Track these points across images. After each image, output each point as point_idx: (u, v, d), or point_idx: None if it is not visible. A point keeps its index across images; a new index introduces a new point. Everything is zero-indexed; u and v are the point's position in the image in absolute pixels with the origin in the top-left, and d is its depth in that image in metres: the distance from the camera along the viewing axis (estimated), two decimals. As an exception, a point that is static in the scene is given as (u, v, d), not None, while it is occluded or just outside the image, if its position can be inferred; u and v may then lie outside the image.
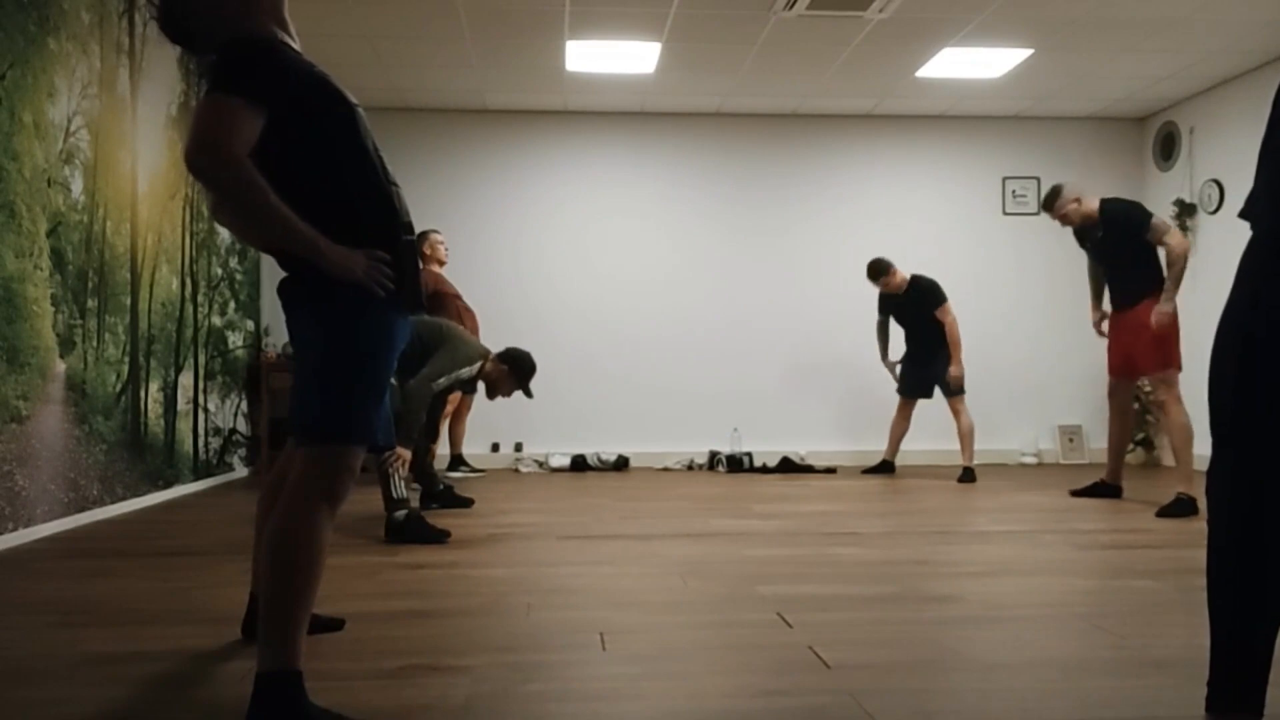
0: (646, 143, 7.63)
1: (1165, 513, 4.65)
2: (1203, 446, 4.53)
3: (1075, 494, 5.48)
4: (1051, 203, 5.19)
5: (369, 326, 1.92)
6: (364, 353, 1.91)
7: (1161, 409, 4.91)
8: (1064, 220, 5.17)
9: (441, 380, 4.40)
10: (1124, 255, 5.00)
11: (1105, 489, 5.40)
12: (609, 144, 7.61)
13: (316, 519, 1.85)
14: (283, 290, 1.98)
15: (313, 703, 1.82)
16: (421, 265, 6.66)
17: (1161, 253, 4.89)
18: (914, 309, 6.53)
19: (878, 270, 6.52)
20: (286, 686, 1.79)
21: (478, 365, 4.59)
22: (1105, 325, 5.30)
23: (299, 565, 1.82)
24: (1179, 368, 4.90)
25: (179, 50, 5.75)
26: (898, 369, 6.72)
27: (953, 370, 6.36)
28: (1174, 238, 4.82)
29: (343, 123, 1.94)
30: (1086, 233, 5.18)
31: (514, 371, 4.70)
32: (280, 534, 1.84)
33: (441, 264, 6.43)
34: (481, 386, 4.89)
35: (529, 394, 4.81)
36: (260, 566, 1.91)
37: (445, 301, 6.24)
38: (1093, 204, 5.09)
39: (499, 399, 4.90)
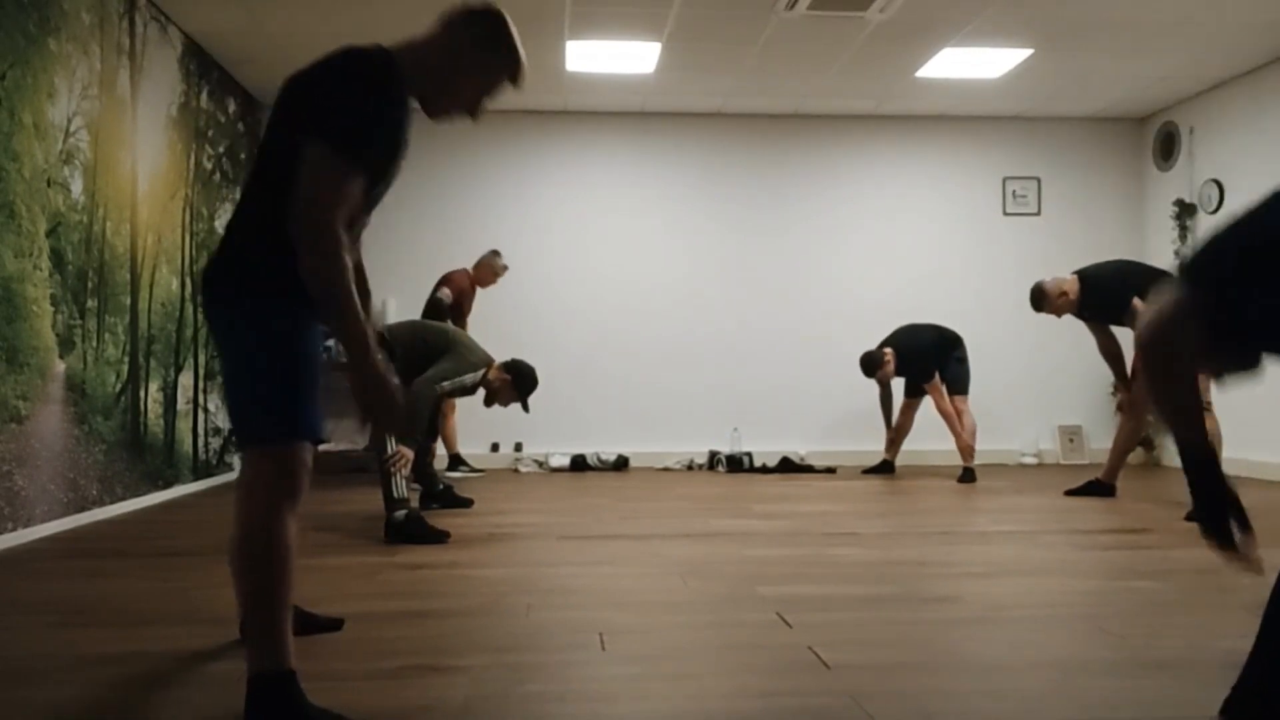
0: (646, 143, 7.63)
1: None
2: (1235, 451, 4.51)
3: (1070, 493, 5.48)
4: (1041, 304, 5.24)
5: (300, 326, 1.90)
6: (300, 351, 1.90)
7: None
8: (1059, 313, 5.23)
9: (446, 384, 4.40)
10: (1125, 316, 5.03)
11: (1100, 488, 5.40)
12: (609, 144, 7.60)
13: (281, 519, 1.84)
14: (211, 284, 1.91)
15: (310, 702, 1.82)
16: (469, 270, 6.66)
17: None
18: (912, 382, 6.65)
19: (872, 366, 6.58)
20: (280, 686, 1.80)
21: (481, 372, 4.59)
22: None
23: (271, 567, 1.82)
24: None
25: (179, 50, 5.75)
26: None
27: (960, 443, 6.40)
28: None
29: (372, 172, 1.90)
30: (1083, 309, 5.22)
31: (516, 383, 4.69)
32: (247, 541, 1.84)
33: (480, 283, 6.55)
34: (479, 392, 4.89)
35: (526, 408, 4.78)
36: (234, 575, 1.89)
37: (458, 318, 6.33)
38: (1075, 285, 5.16)
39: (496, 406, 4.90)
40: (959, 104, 7.39)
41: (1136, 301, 4.91)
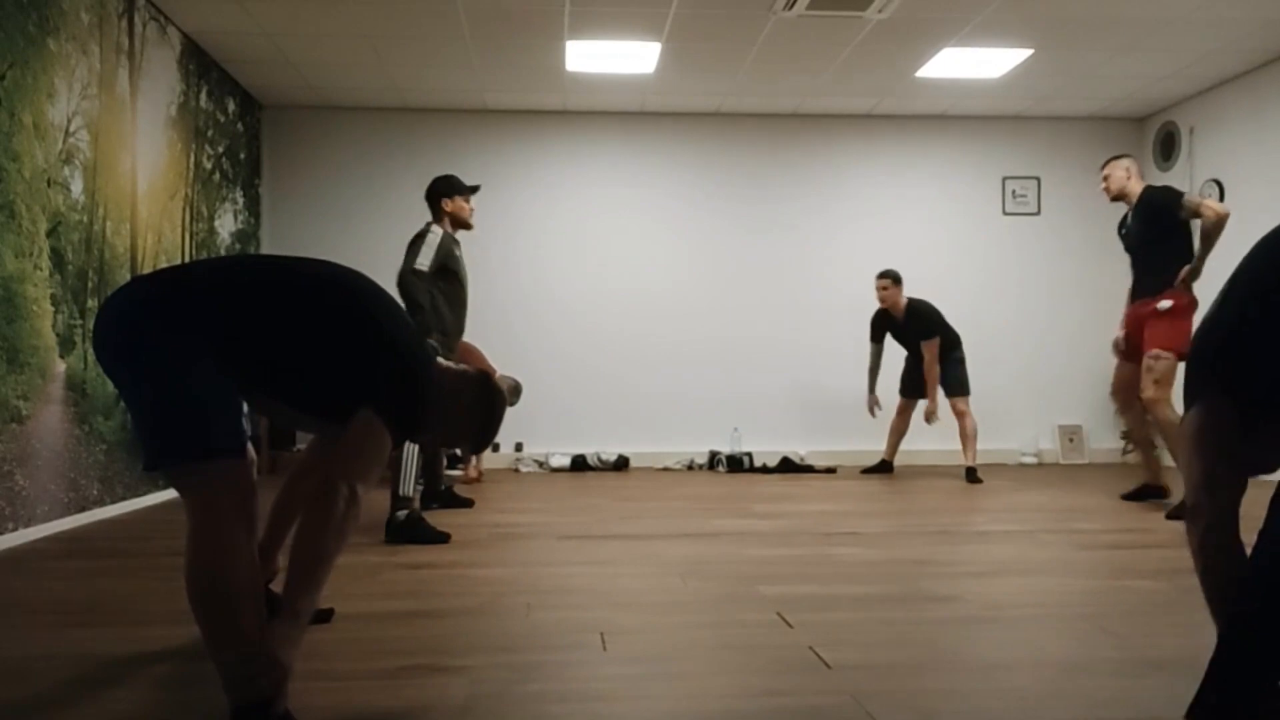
0: (646, 143, 7.63)
1: (1174, 515, 4.56)
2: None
3: (1126, 497, 5.24)
4: (1108, 162, 5.06)
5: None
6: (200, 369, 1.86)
7: (1148, 403, 4.70)
8: (1104, 182, 5.03)
9: (420, 260, 4.34)
10: (1153, 245, 4.83)
11: (1150, 491, 5.13)
12: (609, 144, 7.60)
13: (235, 542, 1.78)
14: (144, 313, 1.86)
15: None
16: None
17: (1196, 238, 4.68)
18: (912, 335, 6.61)
19: (884, 274, 6.60)
20: (270, 711, 1.74)
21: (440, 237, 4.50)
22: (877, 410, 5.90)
23: (231, 595, 1.75)
24: (1180, 356, 4.65)
25: (178, 50, 5.75)
26: (877, 409, 6.81)
27: (929, 405, 6.47)
28: (1208, 208, 4.62)
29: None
30: (1125, 219, 5.05)
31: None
32: (200, 577, 1.77)
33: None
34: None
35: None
36: (195, 611, 1.80)
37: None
38: (1137, 187, 4.95)
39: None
40: (959, 104, 7.39)
41: (1189, 195, 4.77)
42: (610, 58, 6.27)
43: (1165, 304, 4.78)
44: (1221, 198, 6.86)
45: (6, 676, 2.17)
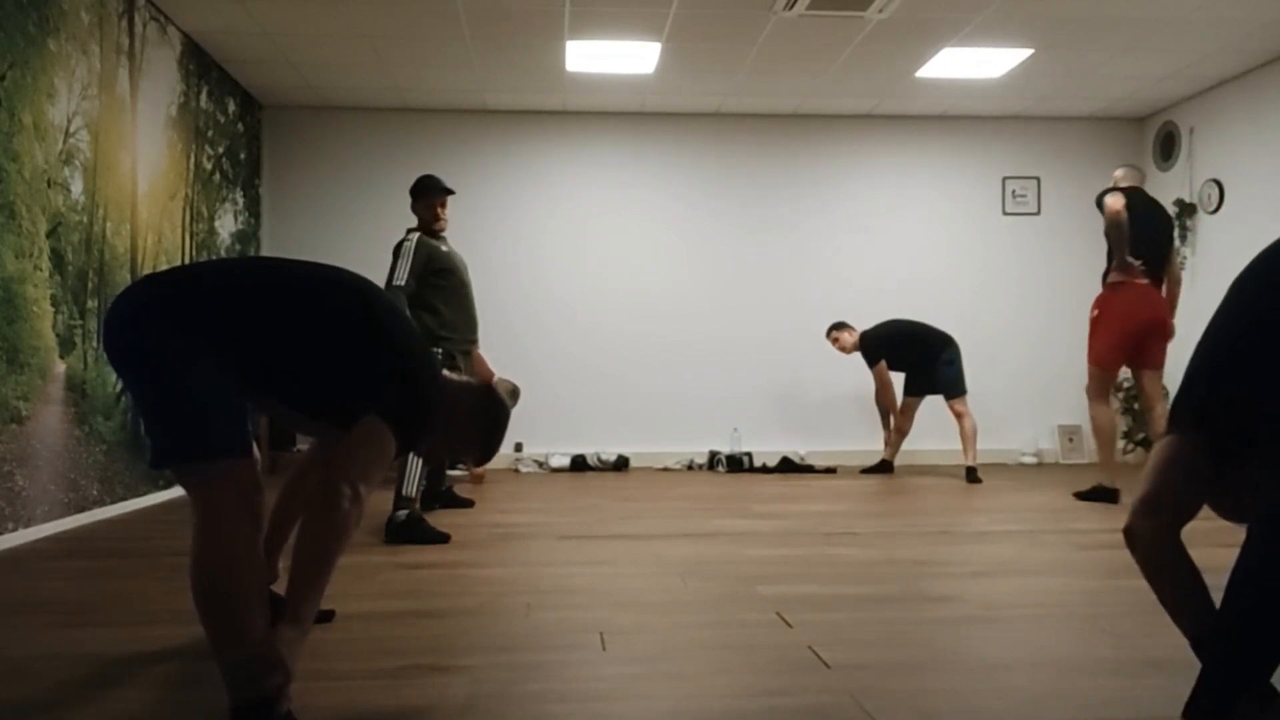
0: (646, 143, 7.63)
1: (1083, 496, 5.16)
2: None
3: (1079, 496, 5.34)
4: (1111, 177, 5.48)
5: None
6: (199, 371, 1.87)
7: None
8: None
9: (397, 276, 4.35)
10: (1107, 242, 5.16)
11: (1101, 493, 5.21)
12: (609, 144, 7.60)
13: (235, 542, 1.78)
14: (145, 315, 1.87)
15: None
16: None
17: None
18: (869, 363, 6.83)
19: (830, 328, 6.98)
20: (268, 713, 1.75)
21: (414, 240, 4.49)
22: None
23: (231, 595, 1.76)
24: (1096, 363, 5.11)
25: (179, 50, 5.75)
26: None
27: (896, 421, 6.82)
28: (1106, 206, 4.99)
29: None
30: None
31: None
32: (202, 576, 1.78)
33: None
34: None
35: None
36: (200, 611, 1.80)
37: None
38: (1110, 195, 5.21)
39: None
40: (959, 104, 7.39)
41: (1105, 194, 5.05)
42: (610, 58, 6.27)
43: (1094, 313, 5.18)
44: (1221, 198, 6.87)
45: (6, 676, 2.18)
